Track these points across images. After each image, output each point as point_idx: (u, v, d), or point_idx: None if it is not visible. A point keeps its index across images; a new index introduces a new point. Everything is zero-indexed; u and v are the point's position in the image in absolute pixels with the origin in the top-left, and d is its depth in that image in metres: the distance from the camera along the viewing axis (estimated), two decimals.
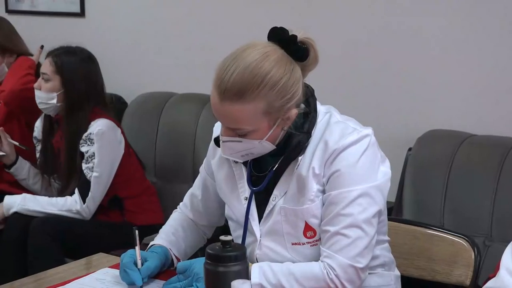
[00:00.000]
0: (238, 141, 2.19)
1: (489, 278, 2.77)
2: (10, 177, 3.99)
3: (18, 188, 3.99)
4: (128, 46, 4.38)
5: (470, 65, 3.47)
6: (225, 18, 4.05)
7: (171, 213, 3.79)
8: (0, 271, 3.71)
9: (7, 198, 3.70)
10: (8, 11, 5.01)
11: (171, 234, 2.50)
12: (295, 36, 2.17)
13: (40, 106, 3.74)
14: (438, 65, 3.55)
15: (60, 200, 3.68)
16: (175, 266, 2.40)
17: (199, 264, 2.19)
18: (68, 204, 3.65)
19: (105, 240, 3.19)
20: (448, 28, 3.51)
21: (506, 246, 3.04)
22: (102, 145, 3.63)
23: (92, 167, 3.61)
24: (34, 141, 3.96)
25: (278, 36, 2.19)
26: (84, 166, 3.62)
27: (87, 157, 3.62)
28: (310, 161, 2.20)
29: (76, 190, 3.65)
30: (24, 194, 3.72)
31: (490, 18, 3.41)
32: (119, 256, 2.52)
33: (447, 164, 3.27)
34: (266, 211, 2.28)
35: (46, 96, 3.69)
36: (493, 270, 2.82)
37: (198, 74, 3.98)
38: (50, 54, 3.74)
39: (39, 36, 4.84)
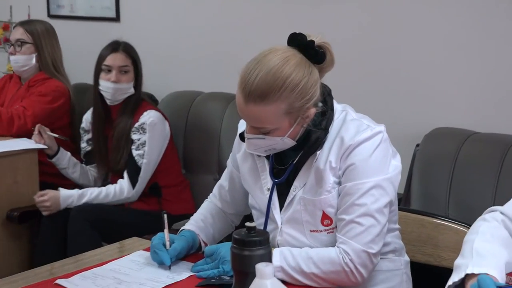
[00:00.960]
0: (262, 138, 2.21)
1: None
2: (50, 169, 4.01)
3: (59, 178, 4.02)
4: (159, 49, 4.39)
5: (474, 67, 3.46)
6: (248, 24, 4.06)
7: (198, 202, 3.82)
8: (41, 253, 3.75)
9: (63, 193, 3.71)
10: (49, 15, 5.04)
11: (200, 221, 2.52)
12: (312, 41, 2.19)
13: (119, 98, 3.80)
14: (444, 67, 3.54)
15: (109, 188, 3.72)
16: (202, 250, 2.42)
17: (225, 248, 2.21)
18: (117, 195, 3.73)
19: (140, 228, 3.20)
20: (453, 31, 3.50)
21: None
22: (153, 135, 3.70)
23: (143, 154, 3.66)
24: (81, 132, 3.99)
25: (297, 41, 2.21)
26: (135, 152, 3.68)
27: (138, 144, 3.68)
28: (327, 155, 2.22)
29: (126, 175, 3.70)
30: (78, 191, 3.74)
31: (494, 21, 3.39)
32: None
33: (452, 159, 3.26)
34: (287, 201, 2.30)
35: (127, 87, 3.74)
36: None
37: (223, 74, 3.99)
38: (126, 49, 3.81)
39: (78, 39, 4.89)
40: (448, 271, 2.55)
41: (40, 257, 3.71)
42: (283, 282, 1.94)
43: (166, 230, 2.34)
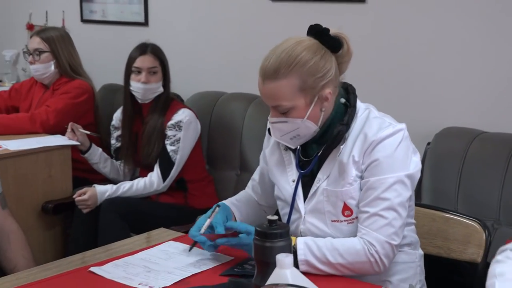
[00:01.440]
0: (284, 122, 2.22)
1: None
2: (82, 166, 4.03)
3: (91, 173, 4.04)
4: (185, 51, 4.41)
5: (483, 71, 3.45)
6: (268, 30, 4.06)
7: (221, 197, 3.83)
8: (74, 243, 3.77)
9: (99, 189, 3.73)
10: (82, 20, 5.05)
11: (234, 200, 2.56)
12: (327, 29, 2.25)
13: (149, 97, 3.81)
14: (455, 71, 3.53)
15: (140, 182, 3.74)
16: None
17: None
18: (147, 187, 3.74)
19: (167, 220, 3.21)
20: (464, 37, 3.49)
21: None
22: (187, 133, 3.73)
23: (177, 150, 3.68)
24: (111, 129, 4.01)
25: (314, 29, 2.26)
26: (169, 148, 3.70)
27: (173, 141, 3.70)
28: (350, 150, 2.22)
29: (157, 169, 3.72)
30: (112, 186, 3.76)
31: (502, 26, 3.38)
32: (179, 231, 2.56)
33: (461, 157, 3.25)
34: (311, 192, 2.31)
35: (156, 86, 3.77)
36: None
37: (245, 76, 4.00)
38: (150, 49, 3.82)
39: (108, 42, 4.91)
40: (457, 263, 2.57)
41: (73, 246, 3.73)
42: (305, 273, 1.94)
43: (209, 220, 2.35)
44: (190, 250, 2.37)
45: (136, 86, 3.77)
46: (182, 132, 3.72)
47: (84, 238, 3.72)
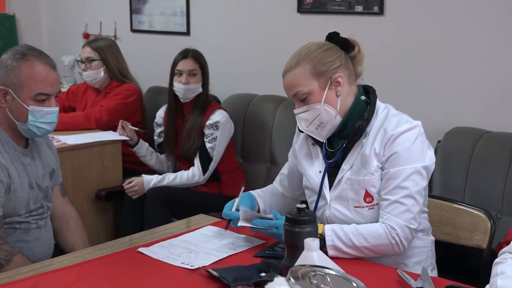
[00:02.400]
0: (306, 110, 2.25)
1: (500, 243, 2.75)
2: (131, 158, 4.05)
3: (139, 165, 4.06)
4: (222, 58, 4.41)
5: (488, 76, 3.42)
6: (297, 36, 4.05)
7: (252, 186, 3.82)
8: (123, 226, 3.79)
9: (146, 178, 3.76)
10: (132, 30, 5.08)
11: (260, 191, 2.56)
12: (337, 33, 2.32)
13: (189, 96, 3.83)
14: (463, 76, 3.51)
15: (183, 174, 3.75)
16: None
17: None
18: (189, 179, 3.75)
19: (203, 206, 3.22)
20: (472, 46, 3.46)
21: None
22: (223, 132, 3.75)
23: (214, 147, 3.69)
24: (155, 126, 4.03)
25: (330, 36, 2.34)
26: (208, 145, 3.73)
27: (211, 139, 3.71)
28: (372, 143, 2.24)
29: (198, 163, 3.73)
30: (157, 176, 3.79)
31: (509, 35, 3.34)
32: (216, 217, 2.57)
33: (468, 154, 3.23)
34: (336, 181, 2.32)
35: (196, 87, 3.78)
36: (504, 237, 2.80)
37: (275, 80, 3.97)
38: (192, 54, 3.84)
39: (155, 49, 4.93)
40: (465, 248, 2.55)
41: (123, 229, 3.77)
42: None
43: (237, 199, 2.38)
44: (226, 229, 2.38)
45: (178, 87, 3.78)
46: (219, 131, 3.73)
47: (132, 222, 3.75)
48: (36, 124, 2.47)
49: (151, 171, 3.97)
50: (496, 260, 1.87)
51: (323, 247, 2.06)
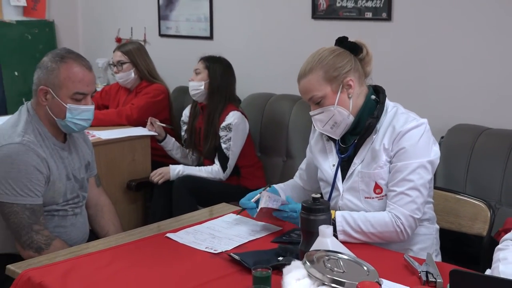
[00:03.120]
0: (321, 112, 2.24)
1: (498, 231, 2.74)
2: (159, 152, 4.06)
3: (166, 158, 4.07)
4: (242, 60, 4.39)
5: (489, 78, 3.39)
6: (311, 40, 4.04)
7: (270, 178, 3.82)
8: (152, 214, 3.80)
9: (172, 166, 3.77)
10: (160, 35, 5.08)
11: (282, 185, 2.57)
12: (346, 37, 2.31)
13: (192, 93, 3.81)
14: (465, 78, 3.48)
15: (208, 168, 3.75)
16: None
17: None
18: (214, 172, 3.73)
19: (225, 196, 3.22)
20: (472, 50, 3.43)
21: (511, 209, 3.00)
22: (237, 133, 3.72)
23: (229, 147, 3.68)
24: (181, 124, 4.03)
25: (339, 40, 2.33)
26: (223, 146, 3.71)
27: (225, 140, 3.70)
28: (381, 139, 2.23)
29: (218, 162, 3.73)
30: (183, 166, 3.80)
31: (505, 37, 3.31)
32: (237, 206, 2.57)
33: (469, 149, 3.20)
34: (348, 174, 2.32)
35: (197, 84, 3.76)
36: (502, 225, 2.79)
37: (291, 80, 3.96)
38: (203, 57, 3.84)
39: (181, 52, 4.93)
40: (466, 236, 2.54)
41: (151, 217, 3.77)
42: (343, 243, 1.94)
43: (259, 194, 2.36)
44: (238, 214, 2.42)
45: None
46: (232, 132, 3.70)
47: (160, 210, 3.76)
48: (73, 120, 2.48)
49: (177, 164, 3.97)
50: (498, 246, 1.86)
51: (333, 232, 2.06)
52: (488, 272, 1.82)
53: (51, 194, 2.46)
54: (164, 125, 4.04)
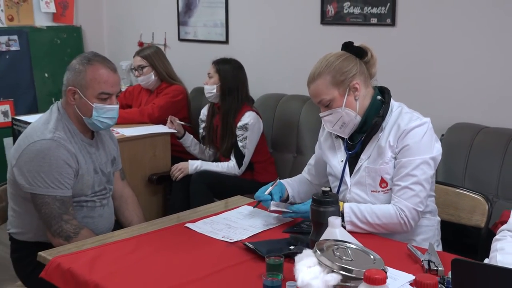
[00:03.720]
0: (329, 114, 2.23)
1: (495, 223, 2.72)
2: (178, 148, 4.06)
3: (184, 154, 4.07)
4: (255, 63, 4.39)
5: (486, 80, 3.37)
6: (319, 45, 4.03)
7: (281, 173, 3.81)
8: (172, 206, 3.81)
9: (190, 162, 3.77)
10: (179, 39, 5.08)
11: (289, 180, 2.55)
12: (352, 42, 2.28)
13: (207, 96, 3.82)
14: (464, 80, 3.46)
15: (223, 165, 3.75)
16: (289, 200, 2.47)
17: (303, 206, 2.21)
18: (230, 167, 3.73)
19: (239, 189, 3.22)
20: (471, 53, 3.41)
21: (508, 202, 2.98)
22: (252, 132, 3.71)
23: (245, 145, 3.68)
24: (200, 122, 4.03)
25: (345, 45, 2.30)
26: (239, 144, 3.70)
27: (241, 138, 3.69)
28: (387, 137, 2.22)
29: (233, 159, 3.73)
30: (201, 161, 3.79)
31: (508, 41, 3.29)
32: (251, 198, 2.57)
33: (468, 146, 3.19)
34: (355, 169, 2.31)
35: (210, 88, 3.76)
36: (499, 217, 2.77)
37: (301, 82, 3.95)
38: (215, 61, 3.82)
39: (199, 55, 4.93)
40: (465, 227, 2.52)
41: (171, 208, 3.78)
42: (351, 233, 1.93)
43: (271, 187, 2.37)
44: (254, 207, 2.40)
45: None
46: (248, 132, 3.69)
47: (179, 202, 3.76)
48: (99, 119, 2.48)
49: (195, 159, 3.98)
50: (496, 237, 1.85)
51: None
52: (486, 261, 1.81)
53: (80, 187, 2.47)
54: (183, 123, 4.05)
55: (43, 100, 5.28)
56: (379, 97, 2.28)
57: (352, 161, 2.33)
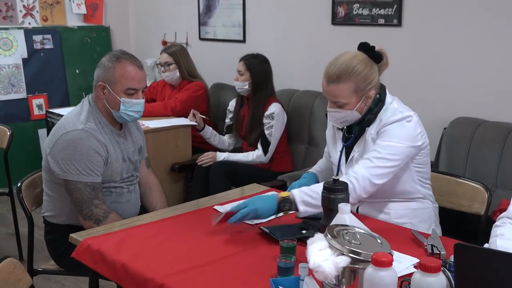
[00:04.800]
0: (338, 112, 2.20)
1: (494, 211, 2.70)
2: (198, 139, 4.06)
3: (204, 144, 4.07)
4: (271, 60, 4.33)
5: (487, 76, 3.34)
6: (330, 44, 4.01)
7: (295, 163, 3.78)
8: (193, 192, 3.81)
9: (218, 153, 3.78)
10: (200, 38, 5.08)
11: (318, 168, 2.55)
12: (373, 47, 2.21)
13: (238, 91, 3.83)
14: (466, 77, 3.43)
15: (249, 155, 3.75)
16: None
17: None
18: (255, 157, 3.73)
19: (255, 177, 3.22)
20: (474, 52, 3.38)
21: (506, 191, 2.96)
22: (278, 121, 3.72)
23: (271, 133, 3.69)
24: (227, 112, 4.03)
25: (363, 46, 2.23)
26: (266, 132, 3.71)
27: (268, 127, 3.70)
28: (371, 131, 2.20)
29: (260, 147, 3.72)
30: (228, 153, 3.79)
31: (508, 41, 3.25)
32: (266, 186, 2.56)
33: (469, 139, 3.17)
34: (348, 159, 2.30)
35: (242, 84, 3.76)
36: (497, 205, 2.75)
37: (313, 78, 3.96)
38: (243, 58, 3.80)
39: (218, 53, 4.93)
40: (466, 214, 2.51)
41: (191, 195, 3.78)
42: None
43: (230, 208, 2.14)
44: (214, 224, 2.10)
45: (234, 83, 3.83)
46: (274, 121, 3.70)
47: (199, 189, 3.77)
48: (127, 112, 2.49)
49: (214, 149, 3.98)
50: (496, 223, 1.83)
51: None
52: (486, 246, 1.80)
53: (109, 174, 2.48)
54: (203, 116, 4.05)
55: (74, 94, 5.33)
56: (377, 96, 2.25)
57: (348, 151, 2.33)
